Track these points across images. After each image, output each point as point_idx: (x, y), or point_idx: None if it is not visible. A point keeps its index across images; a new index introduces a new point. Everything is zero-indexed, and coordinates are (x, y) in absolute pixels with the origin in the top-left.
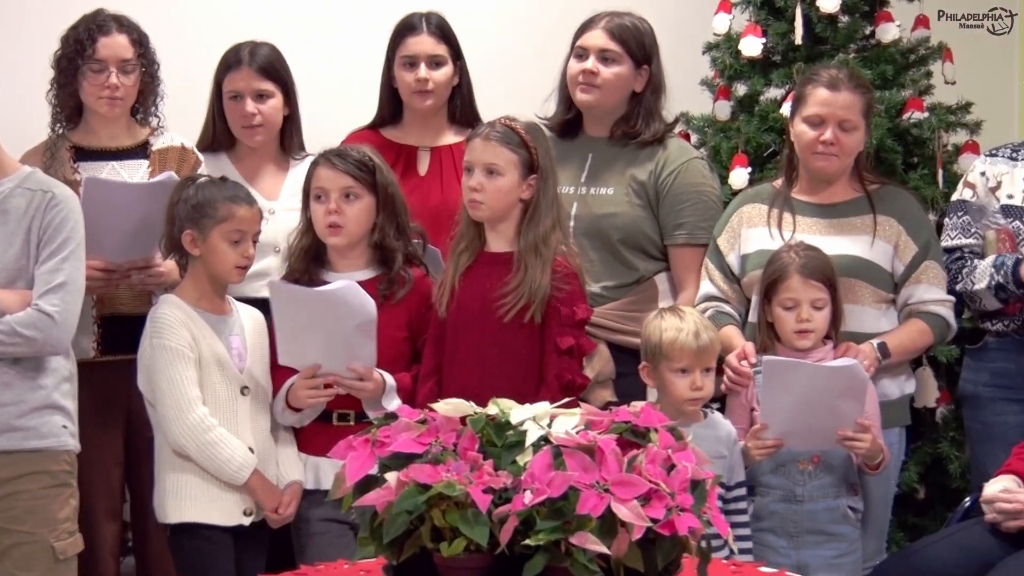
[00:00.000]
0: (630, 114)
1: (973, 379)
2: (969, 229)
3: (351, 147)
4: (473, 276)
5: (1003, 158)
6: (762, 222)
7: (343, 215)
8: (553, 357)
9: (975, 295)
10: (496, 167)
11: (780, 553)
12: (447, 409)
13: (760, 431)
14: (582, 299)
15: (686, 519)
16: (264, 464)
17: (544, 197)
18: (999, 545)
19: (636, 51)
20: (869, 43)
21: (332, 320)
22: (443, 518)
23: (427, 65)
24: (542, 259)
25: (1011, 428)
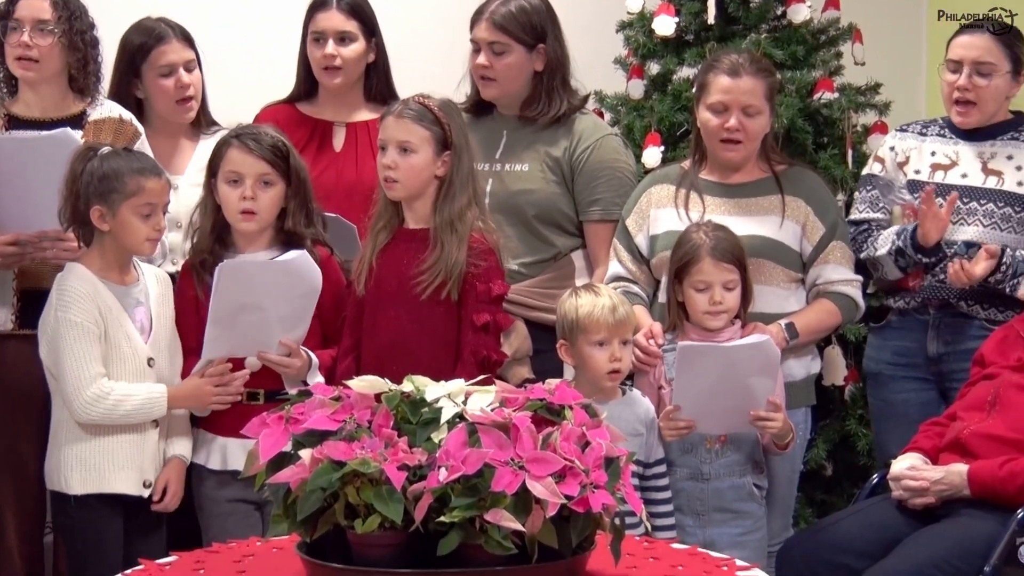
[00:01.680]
0: (534, 96)
1: (876, 357)
2: (877, 203)
3: (263, 129)
4: (391, 253)
5: (912, 134)
6: (670, 203)
7: (258, 201)
8: (469, 333)
9: (877, 262)
10: (409, 144)
11: (687, 531)
12: (362, 386)
13: (673, 412)
14: (499, 275)
15: (600, 496)
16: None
17: (458, 174)
18: (905, 521)
19: (525, 35)
20: (780, 23)
21: (278, 293)
22: (357, 495)
23: (335, 41)
24: (458, 235)
25: (912, 406)
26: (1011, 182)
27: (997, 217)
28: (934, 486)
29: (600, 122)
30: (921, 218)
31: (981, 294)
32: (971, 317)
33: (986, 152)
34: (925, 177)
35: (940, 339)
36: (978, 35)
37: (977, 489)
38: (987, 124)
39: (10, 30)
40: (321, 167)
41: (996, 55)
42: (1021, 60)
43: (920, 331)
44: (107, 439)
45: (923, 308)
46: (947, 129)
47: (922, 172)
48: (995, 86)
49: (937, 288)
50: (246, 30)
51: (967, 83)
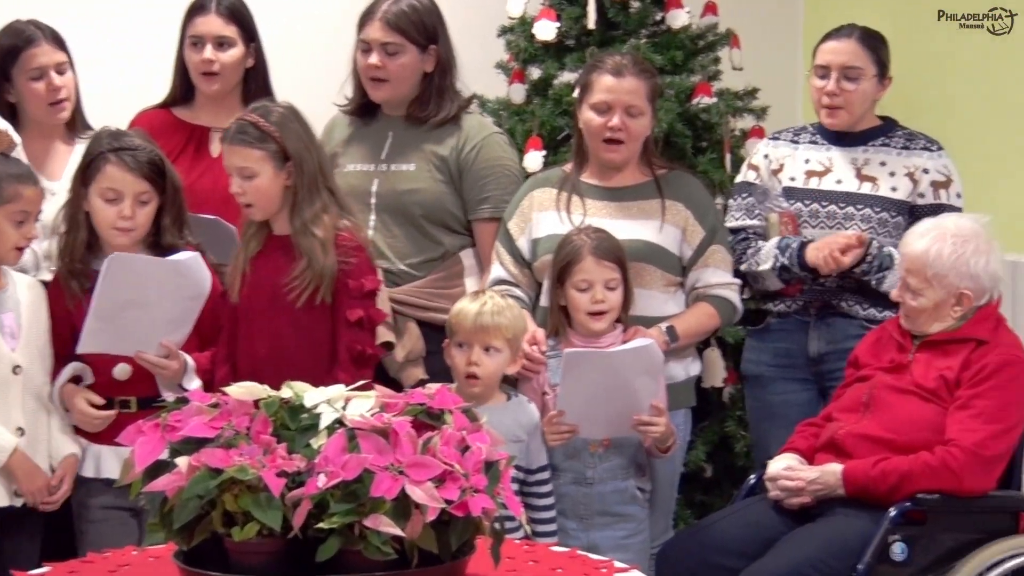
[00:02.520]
0: (423, 97)
1: (755, 359)
2: (752, 211)
3: (136, 142)
4: (263, 260)
5: (785, 141)
6: (552, 206)
7: (135, 219)
8: (344, 330)
9: (759, 275)
10: (248, 170)
11: (571, 535)
12: (240, 392)
13: (556, 417)
14: (370, 271)
15: (480, 500)
16: (34, 445)
17: (304, 182)
18: (782, 521)
19: (418, 36)
20: (660, 28)
21: (166, 292)
22: (235, 503)
23: (213, 46)
24: (318, 240)
25: (792, 407)
26: (885, 188)
27: (874, 222)
28: (809, 486)
29: (486, 121)
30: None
31: (860, 293)
32: (852, 317)
33: (859, 158)
34: (800, 184)
35: (821, 339)
36: (844, 40)
37: (851, 488)
38: (856, 128)
39: None
40: (198, 173)
41: (862, 59)
42: (886, 64)
43: (801, 332)
44: None
45: (804, 309)
46: (819, 136)
47: (797, 179)
48: (862, 90)
49: (817, 290)
50: (121, 33)
51: (835, 88)
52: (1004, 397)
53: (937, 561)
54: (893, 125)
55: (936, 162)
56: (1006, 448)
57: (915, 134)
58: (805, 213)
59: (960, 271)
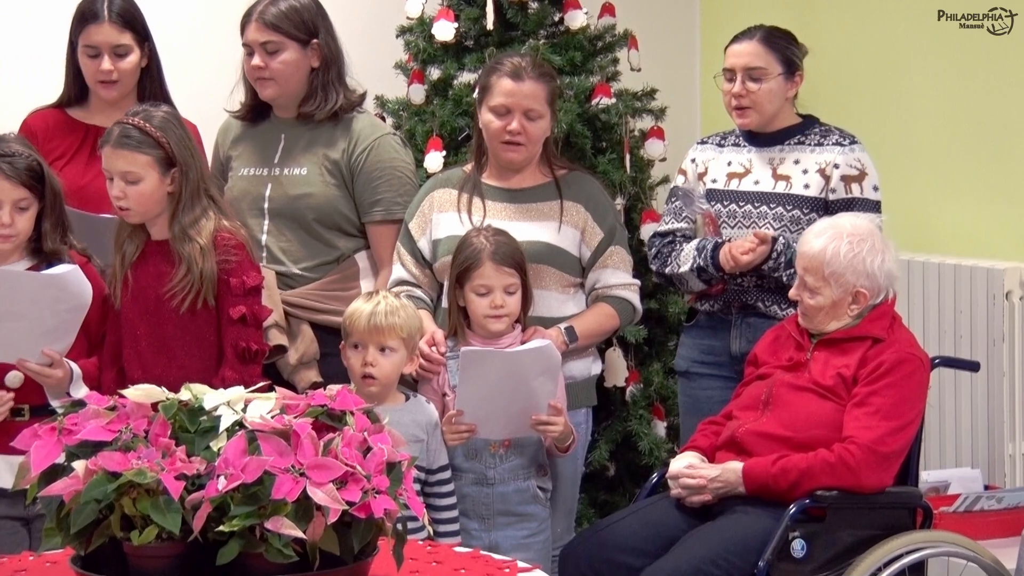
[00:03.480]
0: (310, 91)
1: (686, 355)
2: (680, 213)
3: (14, 148)
4: (144, 265)
5: (712, 145)
6: (452, 207)
7: (14, 226)
8: (228, 327)
9: (682, 277)
10: (132, 174)
11: (472, 535)
12: (138, 395)
13: (455, 417)
14: (252, 267)
15: (382, 501)
16: None
17: (187, 188)
18: (683, 519)
19: (297, 32)
20: (558, 29)
21: (44, 304)
22: (134, 506)
23: (110, 56)
24: (197, 245)
25: (717, 403)
26: (798, 185)
27: (787, 220)
28: (711, 483)
29: (377, 122)
30: (731, 250)
31: (778, 293)
32: (771, 317)
33: (775, 158)
34: (721, 186)
35: (742, 338)
36: (746, 42)
37: (751, 486)
38: (771, 126)
39: None
40: (93, 173)
41: (765, 59)
42: (794, 61)
43: (724, 331)
44: None
45: (726, 309)
46: (742, 138)
47: (719, 181)
48: (767, 89)
49: (735, 291)
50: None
51: (741, 89)
52: (900, 394)
53: (836, 557)
54: (812, 122)
55: (847, 156)
56: (903, 444)
57: (831, 130)
58: (724, 214)
59: (856, 269)
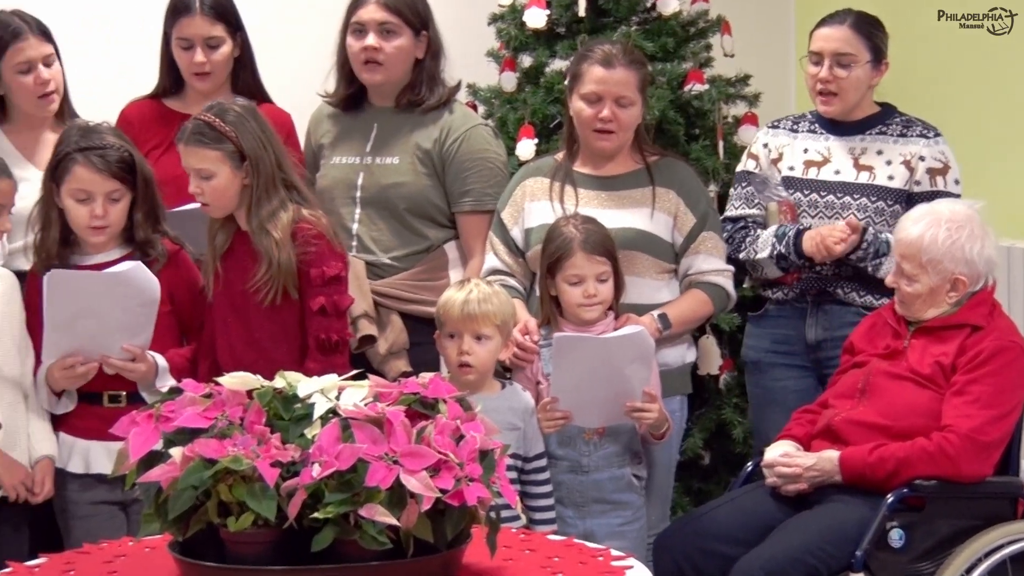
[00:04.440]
0: (415, 82)
1: (755, 345)
2: (752, 199)
3: (107, 140)
4: (232, 258)
5: (784, 130)
6: (544, 196)
7: (107, 216)
8: (309, 319)
9: (757, 264)
10: (205, 170)
11: (567, 523)
12: (233, 383)
13: (549, 404)
14: (333, 257)
15: (475, 489)
16: (13, 438)
17: (260, 182)
18: (778, 508)
19: (413, 19)
20: (651, 16)
21: (113, 302)
22: (230, 493)
23: (203, 48)
24: (273, 239)
25: (791, 393)
26: (882, 176)
27: (871, 211)
28: (806, 472)
29: (470, 113)
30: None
31: (857, 281)
32: (848, 304)
33: (856, 147)
34: (799, 174)
35: (819, 326)
36: (837, 26)
37: (848, 475)
38: (852, 115)
39: None
40: None
41: (855, 46)
42: (881, 49)
43: (798, 319)
44: None
45: (801, 297)
46: (817, 124)
47: (796, 169)
48: (855, 76)
49: (814, 277)
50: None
51: (828, 75)
52: (1000, 383)
53: (935, 547)
54: (891, 112)
55: (932, 149)
56: (1003, 434)
57: (912, 120)
58: (804, 203)
59: (955, 256)
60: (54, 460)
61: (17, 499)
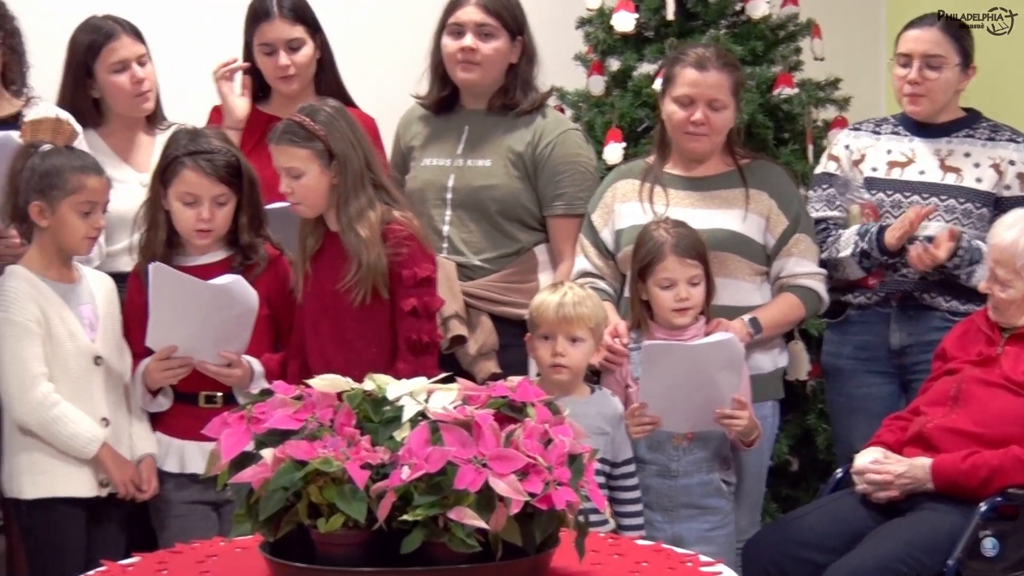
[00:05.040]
0: (508, 86)
1: (836, 352)
2: (833, 201)
3: (214, 144)
4: (323, 258)
5: (866, 132)
6: (635, 197)
7: (214, 220)
8: (400, 320)
9: (839, 263)
10: (294, 169)
11: (656, 527)
12: (323, 385)
13: (638, 410)
14: (423, 259)
15: (563, 493)
16: (117, 436)
17: (348, 181)
18: (869, 515)
19: (511, 22)
20: (739, 19)
21: (212, 309)
22: (320, 494)
23: (285, 51)
24: (363, 239)
25: (874, 400)
26: (970, 179)
27: (959, 213)
28: (898, 480)
29: (562, 117)
30: (901, 226)
31: (942, 285)
32: (933, 309)
33: (942, 149)
34: (883, 175)
35: (903, 331)
36: (927, 28)
37: (940, 482)
38: (938, 117)
39: None
40: None
41: (945, 48)
42: (969, 53)
43: (882, 324)
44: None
45: (885, 301)
46: (901, 127)
47: (879, 170)
48: (945, 79)
49: (899, 281)
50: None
51: (917, 76)
52: None
53: None
54: (977, 116)
55: (1022, 153)
56: None
57: (1000, 125)
58: (887, 203)
59: None
60: (156, 459)
61: (124, 498)
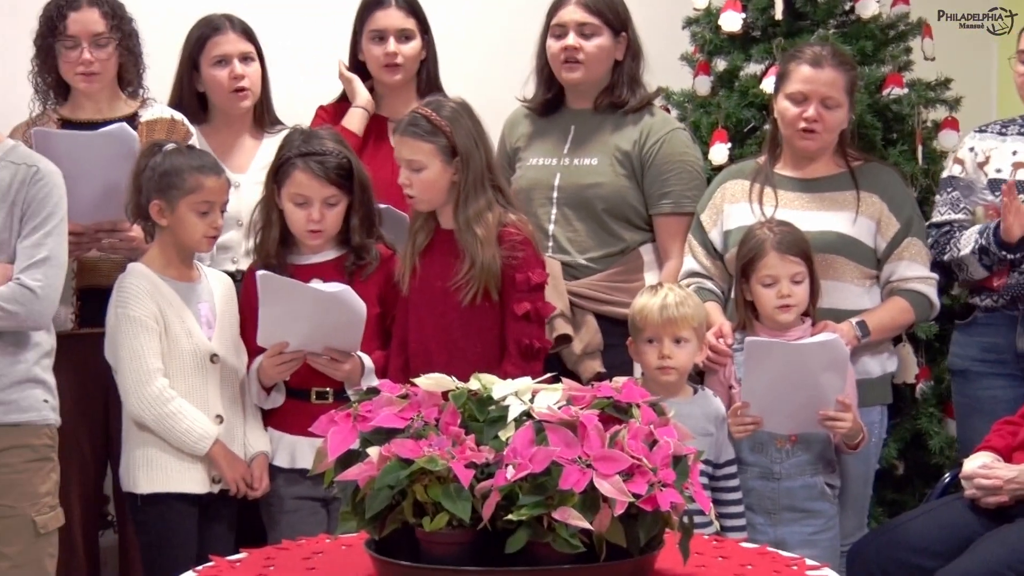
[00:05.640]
0: (615, 83)
1: (962, 354)
2: (958, 204)
3: (327, 147)
4: (432, 254)
5: (992, 134)
6: (744, 198)
7: (324, 220)
8: (512, 324)
9: (962, 262)
10: (416, 162)
11: (758, 530)
12: (429, 384)
13: (741, 409)
14: (537, 264)
15: (668, 494)
16: (231, 433)
17: (469, 179)
18: (978, 521)
19: (613, 20)
20: (849, 19)
21: (321, 313)
22: (425, 493)
23: (396, 39)
24: (479, 239)
25: (1000, 403)
26: None
27: None
28: (1007, 484)
29: (669, 116)
30: (1003, 213)
31: None
32: None
33: None
34: (1007, 176)
35: None
36: None
37: None
38: None
39: (66, 48)
40: (379, 163)
41: None
42: None
43: (1009, 327)
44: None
45: (1012, 304)
46: None
47: (1004, 171)
48: None
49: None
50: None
51: None
52: None
53: None
54: None
55: None
56: None
57: None
58: None
59: None
60: (268, 456)
61: (236, 493)
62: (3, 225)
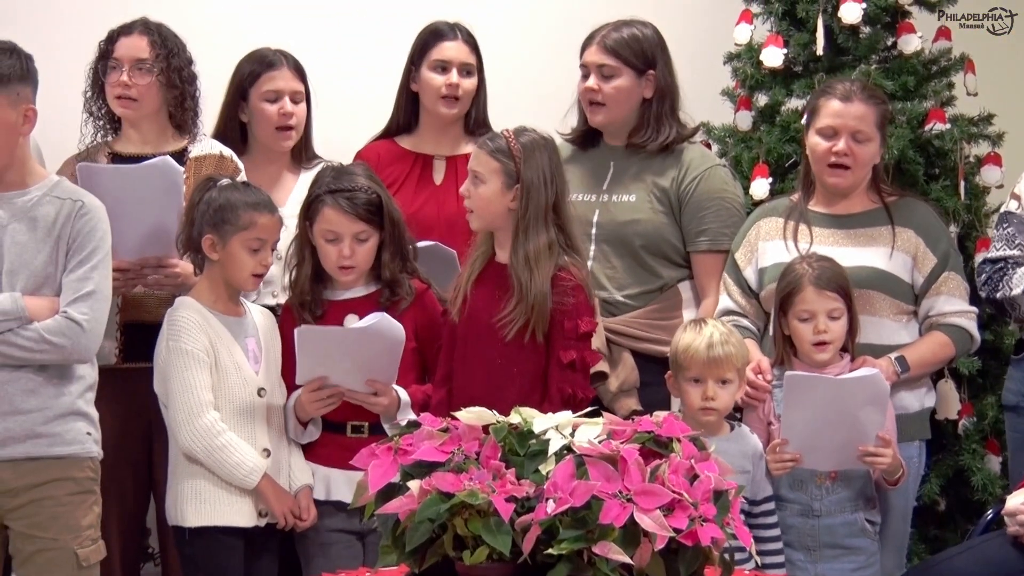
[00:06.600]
0: (640, 124)
1: (1016, 389)
2: (1014, 240)
3: (357, 183)
4: (483, 285)
5: None
6: (778, 235)
7: (355, 256)
8: (556, 371)
9: (1014, 301)
10: (480, 175)
11: (798, 566)
12: (470, 417)
13: (780, 446)
14: (587, 312)
15: (709, 529)
16: (277, 467)
17: (529, 212)
18: (1020, 558)
19: (635, 60)
20: (891, 54)
21: (359, 348)
22: (466, 527)
23: (459, 72)
24: (534, 277)
25: None
26: None
27: None
28: None
29: (708, 152)
30: None
31: None
32: None
33: None
34: None
35: None
36: None
37: None
38: None
39: (110, 69)
40: (422, 200)
41: None
42: None
43: None
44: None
45: None
46: None
47: None
48: None
49: None
50: (349, 63)
51: None
52: None
53: None
54: None
55: None
56: None
57: None
58: None
59: None
60: (312, 488)
61: (285, 526)
62: (49, 259)
